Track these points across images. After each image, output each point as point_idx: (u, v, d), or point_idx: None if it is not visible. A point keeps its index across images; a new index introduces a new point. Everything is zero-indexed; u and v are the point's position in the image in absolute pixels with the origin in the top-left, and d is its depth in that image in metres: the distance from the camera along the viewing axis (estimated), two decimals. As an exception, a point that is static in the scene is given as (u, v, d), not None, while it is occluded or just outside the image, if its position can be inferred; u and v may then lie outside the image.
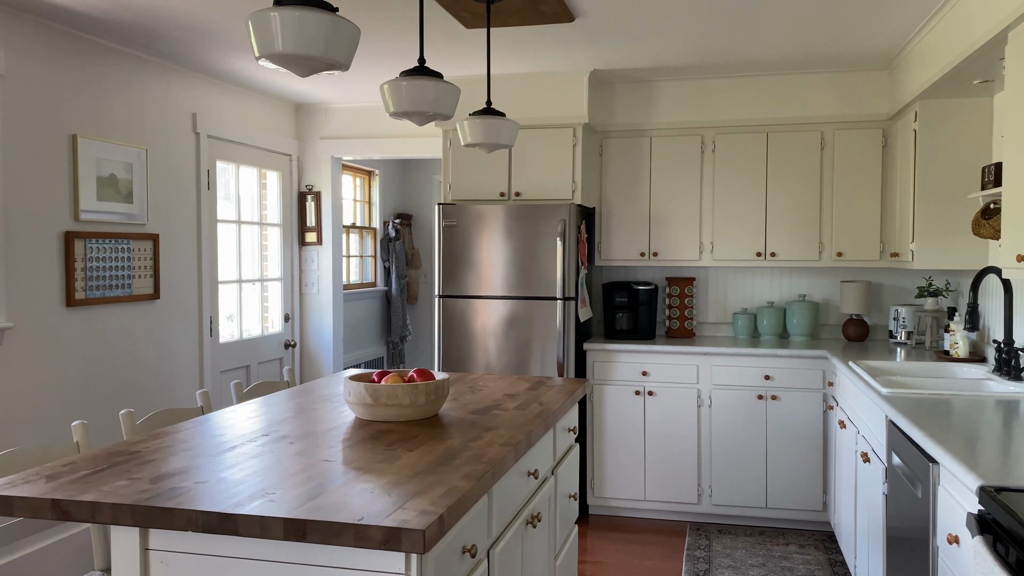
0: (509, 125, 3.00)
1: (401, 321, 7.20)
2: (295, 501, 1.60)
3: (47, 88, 3.50)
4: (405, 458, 1.94)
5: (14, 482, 1.75)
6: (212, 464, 1.89)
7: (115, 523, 1.60)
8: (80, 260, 3.66)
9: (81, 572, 3.71)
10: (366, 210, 7.07)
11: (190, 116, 4.45)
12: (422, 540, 1.44)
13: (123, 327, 3.96)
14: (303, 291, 5.58)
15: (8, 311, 3.32)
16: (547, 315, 4.35)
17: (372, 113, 5.38)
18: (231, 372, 4.90)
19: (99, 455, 1.97)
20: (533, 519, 2.31)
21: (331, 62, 1.68)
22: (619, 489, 4.49)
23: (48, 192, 3.51)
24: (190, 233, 4.47)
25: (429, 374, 2.48)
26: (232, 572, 1.59)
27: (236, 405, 2.67)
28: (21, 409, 3.39)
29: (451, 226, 4.48)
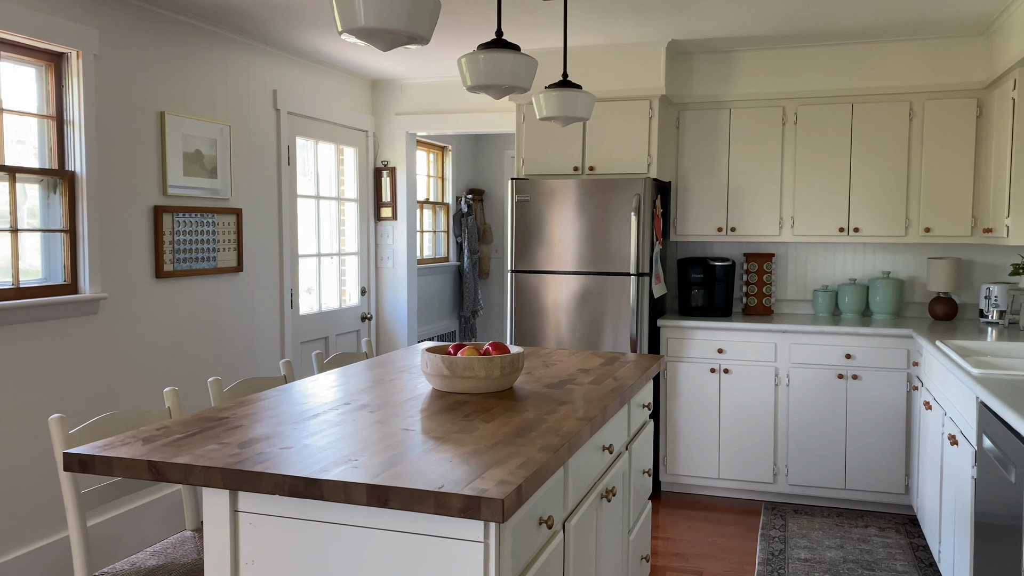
0: (585, 97, 2.97)
1: (473, 296, 7.26)
2: (377, 468, 1.64)
3: (137, 67, 3.63)
4: (482, 429, 1.96)
5: (113, 444, 1.84)
6: (296, 431, 1.95)
7: (207, 485, 1.66)
8: (168, 233, 3.80)
9: (171, 532, 3.89)
10: (439, 186, 7.12)
11: (271, 93, 4.55)
12: (501, 509, 1.46)
13: (208, 298, 4.11)
14: (379, 265, 5.68)
15: (103, 282, 3.47)
16: (620, 291, 4.32)
17: (446, 88, 5.40)
18: (310, 343, 5.03)
19: (190, 420, 2.06)
20: (608, 493, 2.31)
21: (412, 35, 1.69)
22: (692, 466, 4.45)
23: (138, 168, 3.65)
24: (271, 208, 4.59)
25: (504, 347, 2.49)
26: (316, 535, 1.64)
27: (317, 375, 2.74)
28: (115, 374, 3.56)
29: (524, 201, 4.47)
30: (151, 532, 3.76)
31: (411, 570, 1.57)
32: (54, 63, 3.31)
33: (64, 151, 3.35)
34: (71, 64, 3.33)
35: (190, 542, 2.21)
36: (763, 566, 3.50)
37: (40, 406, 3.21)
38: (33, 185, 3.25)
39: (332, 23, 4.03)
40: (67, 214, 3.35)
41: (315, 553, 1.64)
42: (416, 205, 5.78)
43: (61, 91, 3.34)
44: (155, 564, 2.06)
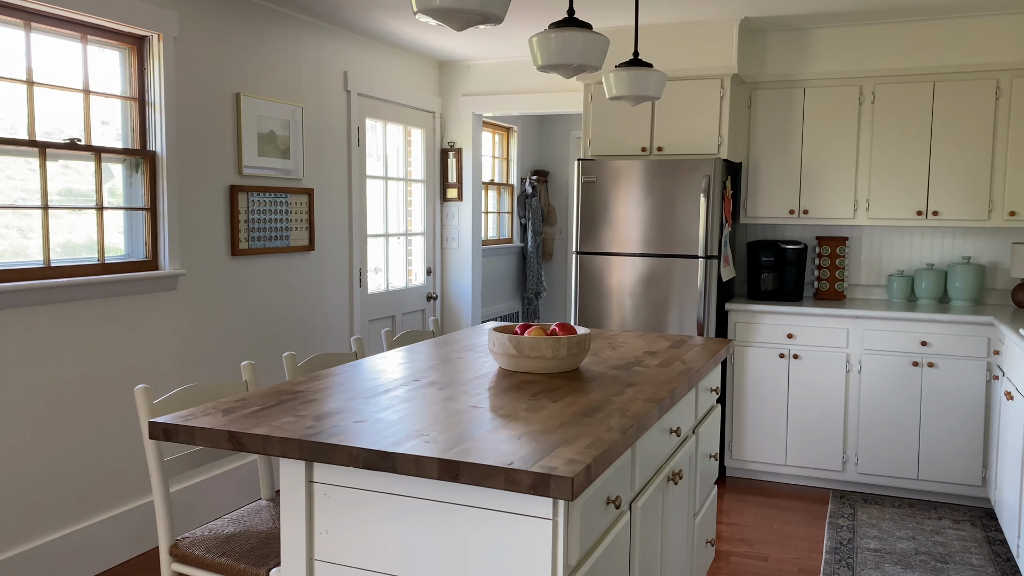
0: (656, 76, 2.93)
1: (536, 277, 7.28)
2: (447, 443, 1.66)
3: (214, 49, 3.72)
4: (549, 408, 1.97)
5: (194, 414, 1.91)
6: (368, 405, 1.99)
7: (283, 456, 1.72)
8: (243, 212, 3.91)
9: (246, 500, 4.03)
10: (504, 167, 7.13)
11: (342, 74, 4.62)
12: (570, 487, 1.47)
13: (281, 276, 4.21)
14: (444, 246, 5.73)
15: (182, 259, 3.59)
16: (687, 273, 4.26)
17: (513, 69, 5.39)
18: (377, 321, 5.12)
19: (267, 393, 2.12)
20: (674, 476, 2.30)
21: (486, 15, 1.69)
22: (758, 452, 4.39)
23: (215, 148, 3.75)
24: (341, 188, 4.67)
25: (571, 328, 2.50)
26: (388, 507, 1.68)
27: (386, 352, 2.79)
28: (193, 347, 3.69)
29: (590, 182, 4.45)
30: (227, 500, 3.90)
31: (480, 544, 1.60)
32: (136, 46, 3.42)
33: (146, 132, 3.46)
34: (152, 47, 3.43)
35: (265, 511, 2.28)
36: (831, 555, 3.44)
37: (123, 377, 3.35)
38: (117, 165, 3.37)
39: (402, 3, 4.06)
40: (148, 193, 3.47)
41: (386, 525, 1.68)
42: (481, 186, 5.81)
43: (143, 73, 3.45)
44: (233, 531, 2.14)
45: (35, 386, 3.00)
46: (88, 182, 3.23)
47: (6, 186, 2.93)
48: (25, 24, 2.97)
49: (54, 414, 3.08)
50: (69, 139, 3.14)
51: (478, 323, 5.85)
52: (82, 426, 3.19)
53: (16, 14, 2.93)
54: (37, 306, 2.98)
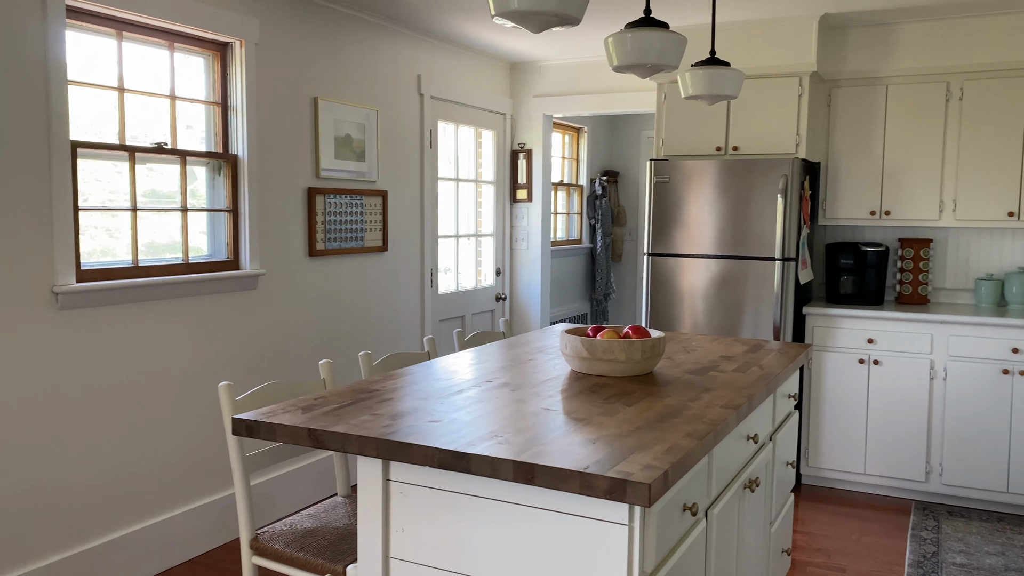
0: (733, 75, 2.88)
1: (605, 278, 7.23)
2: (521, 445, 1.66)
3: (293, 54, 3.81)
4: (624, 412, 1.96)
5: (275, 411, 1.96)
6: (442, 405, 2.01)
7: (361, 454, 1.75)
8: (320, 214, 3.99)
9: (320, 495, 4.12)
10: (573, 167, 7.11)
11: (415, 78, 4.68)
12: (647, 493, 1.45)
13: (355, 276, 4.29)
14: (513, 247, 5.74)
15: (261, 259, 3.69)
16: (763, 276, 4.17)
17: (585, 69, 5.37)
18: (448, 321, 5.16)
19: (344, 391, 2.16)
20: (751, 483, 2.26)
21: (564, 16, 1.69)
22: (836, 460, 4.26)
23: (294, 151, 3.84)
24: (414, 190, 4.73)
25: (645, 331, 2.47)
26: (462, 508, 1.69)
27: (458, 352, 2.81)
28: (271, 345, 3.79)
29: (663, 182, 4.39)
30: (302, 494, 3.99)
31: (554, 547, 1.59)
32: (220, 52, 3.53)
33: (228, 135, 3.57)
34: (235, 53, 3.54)
35: (342, 507, 2.32)
36: (913, 568, 3.31)
37: (205, 373, 3.47)
38: (200, 167, 3.49)
39: (476, 6, 4.09)
40: (230, 195, 3.57)
41: (461, 524, 1.69)
42: (551, 187, 5.80)
43: (226, 79, 3.56)
44: (311, 526, 2.19)
45: (123, 381, 3.12)
46: (170, 184, 3.35)
47: (95, 188, 3.06)
48: (117, 33, 3.10)
49: (141, 409, 3.20)
50: (156, 143, 3.26)
51: (547, 324, 5.84)
52: (166, 420, 3.31)
53: (110, 24, 3.06)
54: (125, 304, 3.11)
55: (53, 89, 2.80)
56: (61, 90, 2.83)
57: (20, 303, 2.75)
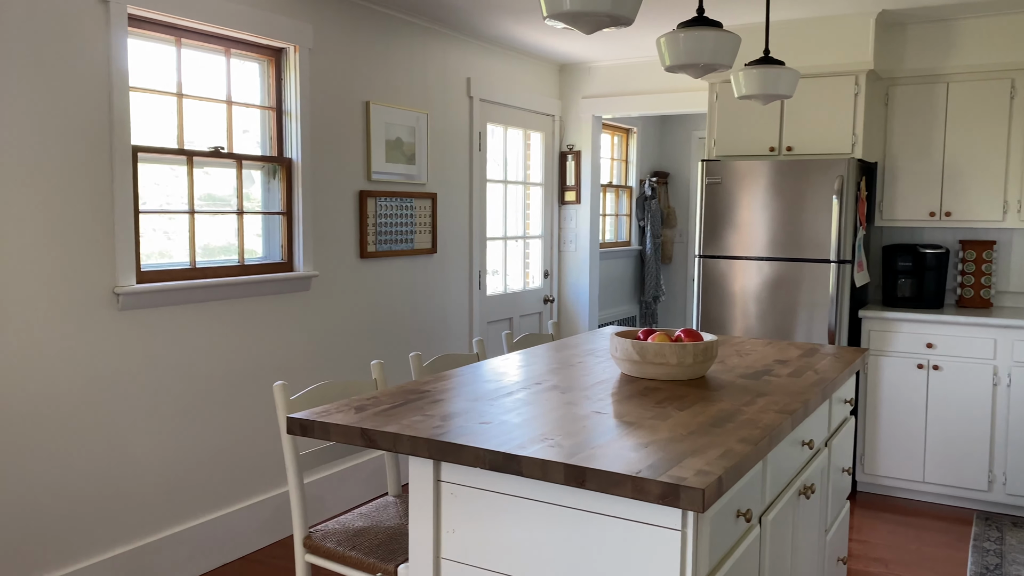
0: (788, 74, 2.83)
1: (655, 281, 7.17)
2: (572, 448, 1.66)
3: (345, 59, 3.87)
4: (676, 417, 1.93)
5: (329, 411, 1.98)
6: (492, 407, 2.01)
7: (413, 454, 1.76)
8: (371, 216, 4.04)
9: (370, 494, 4.16)
10: (623, 168, 7.07)
11: (465, 81, 4.70)
12: (701, 499, 1.43)
13: (405, 278, 4.33)
14: (561, 248, 5.73)
15: (314, 260, 3.75)
16: (817, 279, 4.09)
17: (634, 69, 5.33)
18: (496, 323, 5.18)
19: (395, 392, 2.18)
20: (806, 490, 2.21)
21: (616, 17, 1.67)
22: (893, 468, 4.16)
23: (346, 154, 3.89)
24: (463, 192, 4.75)
25: (697, 335, 2.44)
26: (513, 509, 1.69)
27: (507, 354, 2.81)
28: (323, 345, 3.84)
29: (714, 183, 4.34)
30: (352, 493, 4.04)
31: (605, 552, 1.58)
32: (275, 58, 3.59)
33: (282, 139, 3.63)
34: (289, 58, 3.60)
35: (393, 507, 2.34)
36: (975, 581, 3.21)
37: (259, 372, 3.53)
38: (256, 171, 3.55)
39: (525, 9, 4.09)
40: (284, 198, 3.64)
41: (511, 527, 1.69)
42: (599, 188, 5.77)
43: (280, 84, 3.62)
44: (362, 525, 2.21)
45: (180, 380, 3.20)
46: (225, 187, 3.42)
47: (154, 192, 3.14)
48: (176, 40, 3.18)
49: (197, 407, 3.27)
50: (213, 147, 3.33)
51: (595, 327, 5.81)
52: (222, 418, 3.38)
53: (169, 31, 3.14)
54: (183, 305, 3.18)
55: (115, 95, 2.89)
56: (123, 96, 2.91)
57: (84, 303, 2.83)
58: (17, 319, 2.64)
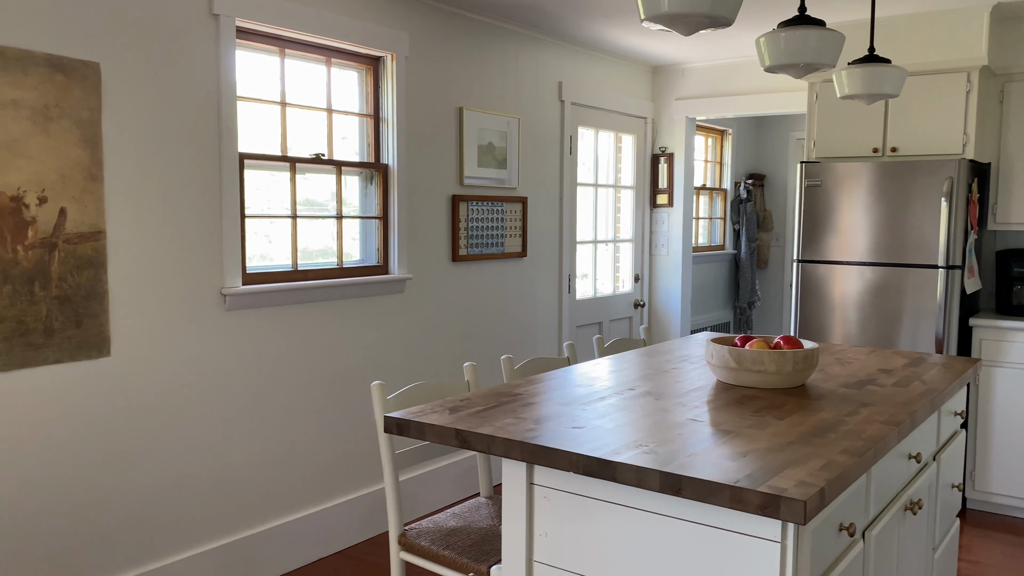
0: (894, 73, 2.72)
1: (750, 286, 7.00)
2: (667, 455, 1.64)
3: (440, 66, 3.93)
4: (775, 426, 1.88)
5: (424, 411, 2.02)
6: (584, 412, 2.01)
7: (506, 456, 1.77)
8: (463, 220, 4.09)
9: (460, 494, 4.21)
10: (716, 171, 6.94)
11: (556, 85, 4.71)
12: (803, 511, 1.39)
13: (496, 282, 4.37)
14: (653, 252, 5.67)
15: (408, 264, 3.83)
16: (924, 285, 3.91)
17: (730, 70, 5.23)
18: (585, 327, 5.16)
19: (488, 394, 2.20)
20: (913, 505, 2.12)
21: (716, 18, 1.65)
22: (1007, 485, 3.93)
23: (439, 160, 3.96)
24: (553, 196, 4.76)
25: (796, 342, 2.37)
26: (606, 516, 1.68)
27: (598, 359, 2.80)
28: (416, 347, 3.91)
29: (814, 186, 4.21)
30: (442, 493, 4.09)
31: (701, 561, 1.55)
32: (372, 66, 3.69)
33: (379, 145, 3.73)
34: (387, 66, 3.69)
35: (485, 508, 2.37)
36: (1100, 610, 3.00)
37: (355, 371, 3.63)
38: (353, 177, 3.65)
39: (617, 11, 4.07)
40: (381, 203, 3.72)
41: (604, 532, 1.68)
42: (693, 191, 5.68)
43: (378, 91, 3.71)
44: (455, 525, 2.24)
45: (280, 379, 3.31)
46: (322, 192, 3.52)
47: (256, 197, 3.27)
48: (280, 51, 3.30)
49: (296, 404, 3.38)
50: (314, 154, 3.44)
51: (687, 332, 5.72)
52: (319, 416, 3.48)
53: (274, 42, 3.26)
54: (284, 306, 3.30)
55: (224, 105, 3.02)
56: (231, 105, 3.05)
57: (193, 304, 2.98)
58: (135, 317, 2.80)
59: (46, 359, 2.57)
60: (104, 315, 2.70)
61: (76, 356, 2.64)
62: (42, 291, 2.54)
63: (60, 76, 2.56)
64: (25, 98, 2.48)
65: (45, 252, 2.54)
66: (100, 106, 2.66)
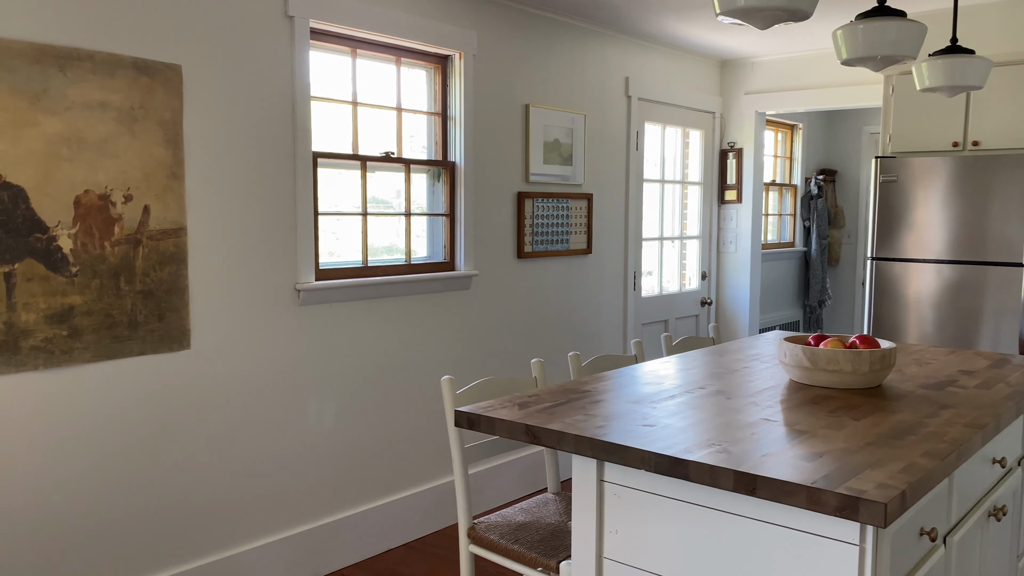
0: (978, 63, 2.62)
1: (820, 284, 6.84)
2: (742, 455, 1.62)
3: (507, 63, 3.95)
4: (851, 427, 1.84)
5: (493, 406, 2.04)
6: (655, 410, 2.00)
7: (576, 453, 1.78)
8: (529, 217, 4.10)
9: (523, 490, 4.23)
10: (786, 166, 6.79)
11: (623, 80, 4.68)
12: (883, 513, 1.36)
13: (560, 278, 4.37)
14: (720, 249, 5.59)
15: (475, 260, 3.86)
16: (1007, 284, 3.76)
17: (801, 63, 5.11)
18: (650, 325, 5.12)
19: (556, 390, 2.21)
20: (996, 511, 2.05)
21: (794, 11, 1.62)
22: (1095, 494, 3.75)
23: (505, 157, 3.98)
24: (618, 193, 4.73)
25: (873, 341, 2.31)
26: (678, 513, 1.67)
27: (666, 356, 2.78)
28: (482, 342, 3.94)
29: (889, 181, 4.09)
30: (507, 488, 4.12)
31: (775, 562, 1.53)
32: (441, 65, 3.72)
33: (447, 144, 3.76)
34: (455, 65, 3.72)
35: (552, 504, 2.38)
36: None
37: (422, 366, 3.67)
38: (421, 175, 3.70)
39: (686, 6, 4.02)
40: (448, 200, 3.76)
41: (676, 530, 1.67)
42: (762, 187, 5.58)
43: (446, 90, 3.75)
44: (524, 520, 2.26)
45: (350, 372, 3.38)
46: (387, 190, 3.58)
47: (327, 194, 3.34)
48: (352, 51, 3.36)
49: (364, 398, 3.45)
50: (384, 152, 3.50)
51: (755, 331, 5.62)
52: (386, 409, 3.54)
53: (346, 43, 3.33)
54: (355, 301, 3.37)
55: (299, 105, 3.10)
56: (305, 105, 3.12)
57: (269, 298, 3.06)
58: (213, 311, 2.89)
59: (131, 351, 2.67)
60: (185, 309, 2.80)
61: (159, 348, 2.74)
62: (127, 285, 2.65)
63: (145, 78, 2.66)
64: (112, 100, 2.58)
65: (130, 248, 2.65)
66: (182, 107, 2.76)
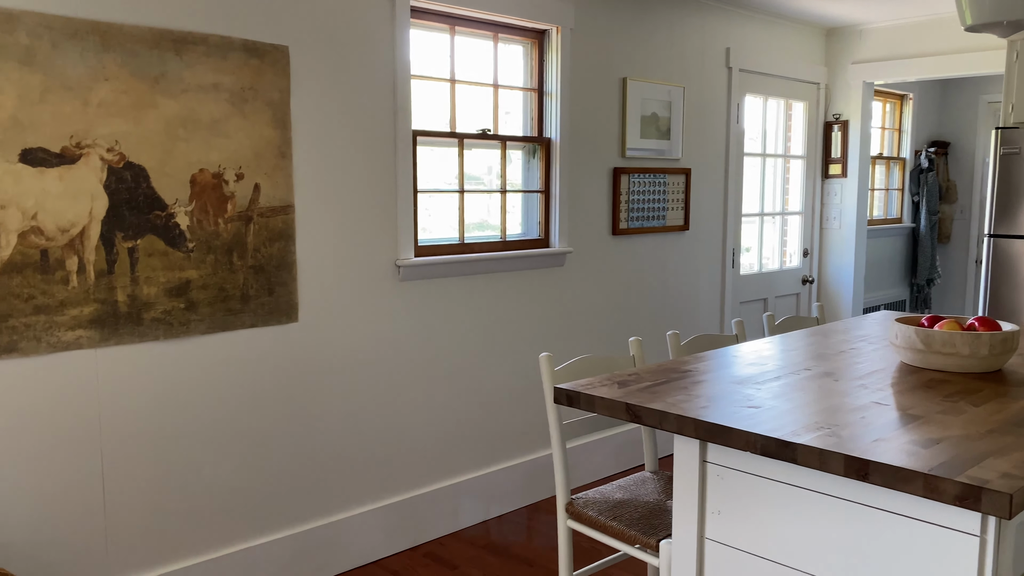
0: (1119, 26, 2.42)
1: (929, 262, 6.52)
2: (852, 439, 1.57)
3: (604, 37, 3.90)
4: (970, 412, 1.76)
5: (593, 384, 2.04)
6: (759, 391, 1.96)
7: (678, 433, 1.76)
8: (624, 193, 4.06)
9: (617, 467, 4.23)
10: (895, 138, 6.48)
11: (723, 51, 4.55)
12: (1008, 504, 1.30)
13: (656, 255, 4.31)
14: (823, 226, 5.39)
15: (569, 237, 3.85)
16: None
17: (913, 30, 4.85)
18: (749, 304, 5.00)
19: (656, 369, 2.19)
20: None
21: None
22: None
23: (601, 132, 3.94)
24: (718, 167, 4.62)
25: (994, 323, 2.20)
26: (784, 497, 1.64)
27: (769, 337, 2.71)
28: (576, 319, 3.94)
29: (1012, 153, 3.85)
30: (601, 465, 4.13)
31: (887, 550, 1.49)
32: (537, 40, 3.71)
33: (543, 120, 3.75)
34: (551, 40, 3.70)
35: (651, 482, 2.37)
36: None
37: (518, 341, 3.71)
38: (517, 151, 3.70)
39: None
40: (543, 176, 3.76)
41: (781, 514, 1.64)
42: (868, 161, 5.34)
43: (542, 65, 3.73)
44: (622, 498, 2.26)
45: (447, 346, 3.44)
46: (480, 166, 3.60)
47: (425, 171, 3.38)
48: (450, 29, 3.38)
49: (461, 372, 3.51)
50: (481, 130, 3.52)
51: (859, 311, 5.42)
52: (482, 384, 3.59)
53: (444, 20, 3.35)
54: (451, 277, 3.42)
55: (399, 84, 3.14)
56: (405, 84, 3.16)
57: (371, 274, 3.14)
58: (319, 286, 2.99)
59: (243, 323, 2.80)
60: (293, 283, 2.91)
61: (268, 321, 2.86)
62: (239, 260, 2.77)
63: (255, 60, 2.75)
64: (224, 82, 2.69)
65: (242, 225, 2.76)
66: (289, 87, 2.84)
